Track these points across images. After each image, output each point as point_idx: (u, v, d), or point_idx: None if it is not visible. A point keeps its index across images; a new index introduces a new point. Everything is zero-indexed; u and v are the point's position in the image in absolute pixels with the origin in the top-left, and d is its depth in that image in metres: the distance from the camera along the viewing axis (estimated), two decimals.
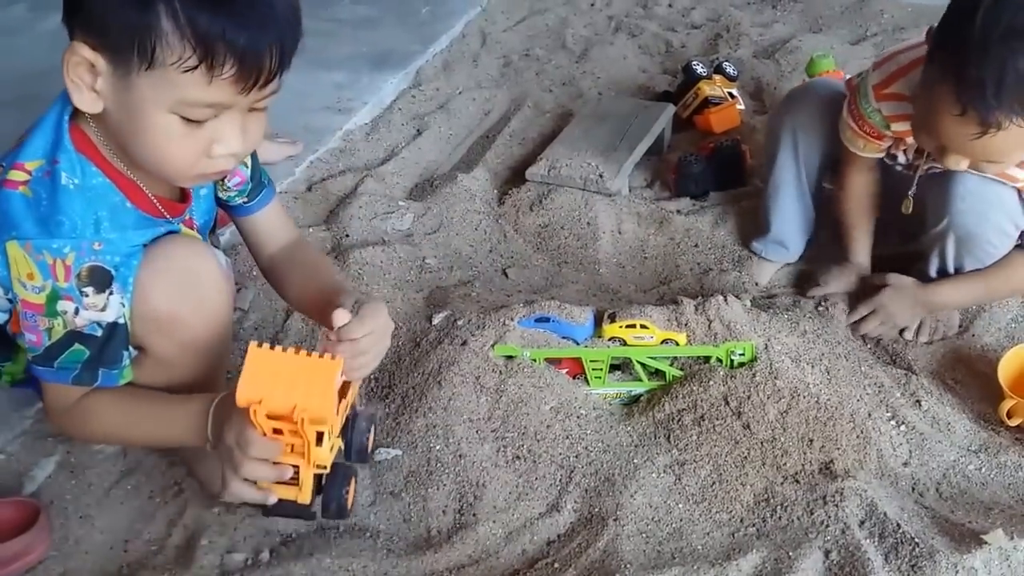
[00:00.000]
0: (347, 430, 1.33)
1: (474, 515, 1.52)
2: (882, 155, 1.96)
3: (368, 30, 3.14)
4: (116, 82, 1.15)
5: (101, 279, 1.24)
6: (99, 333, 1.26)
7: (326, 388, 1.18)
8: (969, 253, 1.84)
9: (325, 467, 1.27)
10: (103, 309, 1.25)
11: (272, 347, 1.18)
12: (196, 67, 1.11)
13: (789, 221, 2.09)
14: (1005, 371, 1.74)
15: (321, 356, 1.19)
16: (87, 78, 1.16)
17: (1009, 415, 1.71)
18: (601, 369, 1.70)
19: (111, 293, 1.25)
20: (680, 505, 1.54)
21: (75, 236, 1.21)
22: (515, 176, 2.48)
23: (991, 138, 1.52)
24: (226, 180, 1.48)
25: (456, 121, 2.73)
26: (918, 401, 1.74)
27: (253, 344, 1.18)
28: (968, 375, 1.83)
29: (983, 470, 1.63)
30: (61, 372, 1.28)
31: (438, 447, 1.59)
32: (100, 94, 1.17)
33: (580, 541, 1.48)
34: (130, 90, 1.15)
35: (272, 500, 1.26)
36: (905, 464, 1.63)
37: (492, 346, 1.70)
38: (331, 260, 1.56)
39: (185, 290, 1.33)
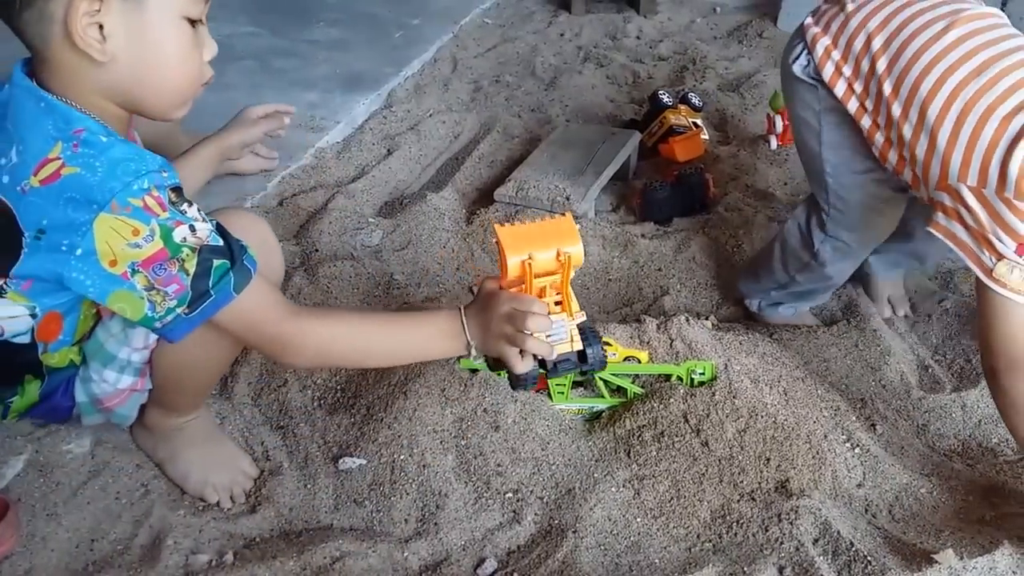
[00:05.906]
0: (583, 337, 1.42)
1: (435, 524, 1.53)
2: None
3: (342, 52, 3.16)
4: (126, 11, 1.18)
5: (184, 194, 1.23)
6: (220, 242, 1.24)
7: (573, 234, 1.32)
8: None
9: (583, 317, 1.40)
10: (205, 220, 1.23)
11: (512, 223, 1.35)
12: None
13: None
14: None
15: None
16: (95, 33, 1.18)
17: None
18: (564, 385, 1.72)
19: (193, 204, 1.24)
20: (638, 519, 1.56)
21: (143, 171, 1.19)
22: (483, 197, 2.50)
23: None
24: None
25: (426, 142, 2.76)
26: (873, 425, 1.77)
27: (496, 224, 1.35)
28: (922, 401, 1.87)
29: (935, 493, 1.65)
30: (222, 293, 1.23)
31: (402, 457, 1.60)
32: (107, 40, 1.19)
33: (539, 552, 1.49)
34: (143, 10, 1.19)
35: (554, 356, 1.37)
36: (859, 485, 1.66)
37: (457, 359, 1.72)
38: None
39: (262, 258, 1.33)
